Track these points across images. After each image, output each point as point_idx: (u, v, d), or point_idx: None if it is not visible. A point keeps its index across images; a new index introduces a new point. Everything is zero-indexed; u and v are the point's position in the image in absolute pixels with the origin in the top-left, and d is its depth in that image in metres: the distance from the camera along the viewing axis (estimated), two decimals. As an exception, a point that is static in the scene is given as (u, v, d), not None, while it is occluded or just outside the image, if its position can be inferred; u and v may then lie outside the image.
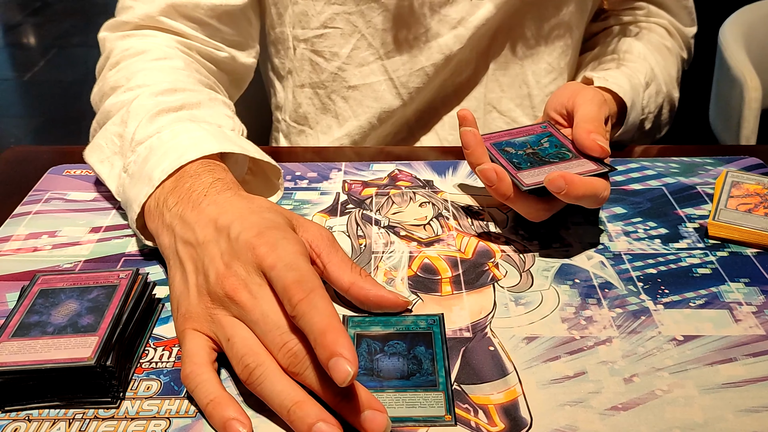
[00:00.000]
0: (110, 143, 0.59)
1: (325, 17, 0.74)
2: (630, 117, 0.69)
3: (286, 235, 0.44)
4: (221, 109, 0.61)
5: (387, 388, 0.42)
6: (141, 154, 0.54)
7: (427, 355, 0.44)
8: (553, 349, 0.45)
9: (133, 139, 0.55)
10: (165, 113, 0.57)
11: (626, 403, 0.41)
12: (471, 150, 0.55)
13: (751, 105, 1.07)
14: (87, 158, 0.60)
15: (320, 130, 0.81)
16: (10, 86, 3.00)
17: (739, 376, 0.43)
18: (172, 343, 0.46)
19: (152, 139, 0.54)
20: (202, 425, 0.40)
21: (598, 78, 0.69)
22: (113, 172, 0.58)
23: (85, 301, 0.45)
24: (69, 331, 0.42)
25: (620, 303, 0.50)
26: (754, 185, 0.60)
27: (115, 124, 0.59)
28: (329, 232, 0.49)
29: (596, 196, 0.52)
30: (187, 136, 0.54)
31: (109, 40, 0.68)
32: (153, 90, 0.59)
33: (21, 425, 0.40)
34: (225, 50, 0.72)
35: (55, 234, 0.57)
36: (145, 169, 0.53)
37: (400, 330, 0.46)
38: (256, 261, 0.42)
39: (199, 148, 0.53)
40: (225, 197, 0.49)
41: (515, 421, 0.40)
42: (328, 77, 0.77)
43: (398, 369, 0.43)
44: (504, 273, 0.53)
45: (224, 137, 0.56)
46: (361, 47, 0.75)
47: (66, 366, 0.40)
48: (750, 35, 1.18)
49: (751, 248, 0.55)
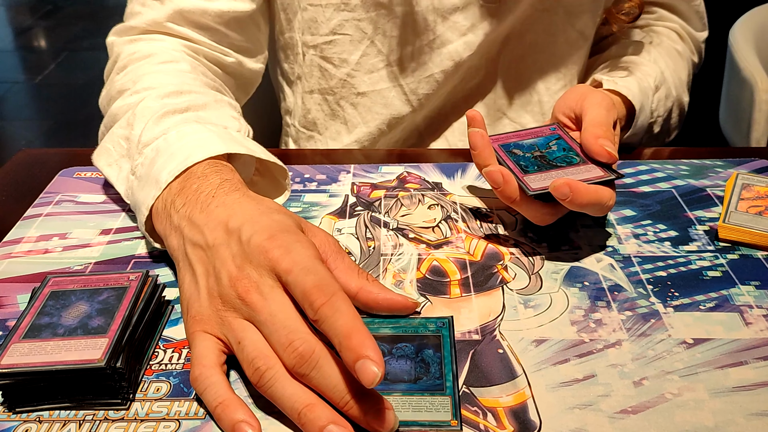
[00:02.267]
0: (117, 146, 0.59)
1: (334, 24, 0.74)
2: (638, 120, 0.69)
3: (299, 238, 0.44)
4: (227, 110, 0.61)
5: (394, 391, 0.42)
6: (148, 156, 0.54)
7: (435, 358, 0.44)
8: (563, 351, 0.45)
9: (140, 141, 0.56)
10: (171, 115, 0.57)
11: (636, 406, 0.41)
12: (478, 151, 0.55)
13: (761, 107, 1.06)
14: (95, 162, 0.61)
15: (329, 136, 0.81)
16: (21, 89, 3.02)
17: (749, 379, 0.43)
18: (182, 344, 0.47)
19: (159, 140, 0.55)
20: (212, 427, 0.40)
21: (608, 81, 0.69)
22: (121, 175, 0.58)
23: (96, 302, 0.45)
24: (79, 332, 0.43)
25: (630, 306, 0.49)
26: (765, 188, 0.60)
27: (122, 127, 0.59)
28: (335, 238, 0.49)
29: (601, 204, 0.52)
30: (193, 137, 0.54)
31: (117, 44, 0.68)
32: (159, 92, 0.59)
33: (32, 426, 0.41)
34: (232, 55, 0.72)
35: (65, 236, 0.58)
36: (152, 171, 0.53)
37: (408, 333, 0.46)
38: (270, 265, 0.42)
39: (206, 149, 0.53)
40: (233, 198, 0.49)
41: (524, 424, 0.40)
42: (337, 83, 0.77)
43: (405, 372, 0.43)
44: (513, 275, 0.53)
45: (230, 138, 0.56)
46: (371, 54, 0.74)
47: (76, 367, 0.40)
48: (760, 37, 1.18)
49: (761, 251, 0.55)
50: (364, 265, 0.54)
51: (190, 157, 0.52)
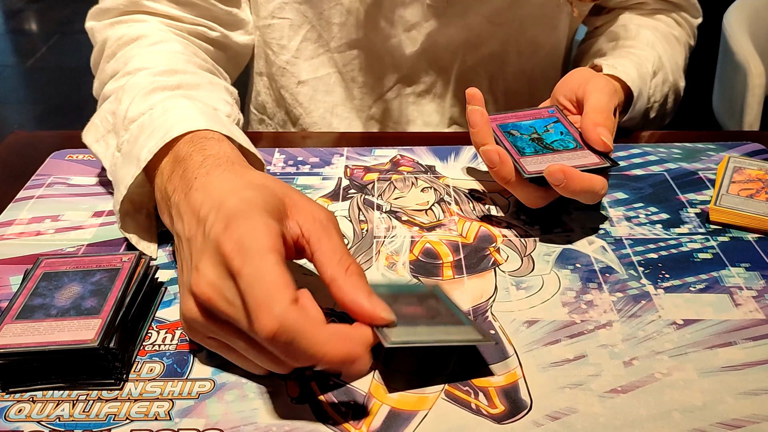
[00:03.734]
0: (104, 121, 0.58)
1: (273, 6, 0.72)
2: (636, 106, 0.69)
3: (256, 226, 0.39)
4: (221, 93, 0.60)
5: (419, 323, 0.41)
6: (133, 133, 0.53)
7: (440, 306, 0.44)
8: (554, 332, 0.46)
9: (126, 117, 0.54)
10: (160, 91, 0.55)
11: (626, 386, 0.42)
12: (477, 129, 0.55)
13: (754, 91, 1.07)
14: (84, 138, 0.60)
15: (278, 122, 0.80)
16: (12, 73, 3.00)
17: (738, 359, 0.43)
18: (175, 326, 0.47)
19: (144, 116, 0.53)
20: (205, 407, 0.41)
21: (607, 65, 0.69)
22: (108, 152, 0.57)
23: (88, 284, 0.45)
24: (72, 313, 0.43)
25: (621, 287, 0.50)
26: (756, 171, 0.60)
27: (110, 102, 0.58)
28: (328, 213, 0.44)
29: (593, 192, 0.52)
30: (176, 111, 0.52)
31: (98, 30, 0.66)
32: (151, 71, 0.58)
33: (25, 406, 0.41)
34: (217, 29, 0.70)
35: (58, 218, 0.57)
36: (135, 148, 0.52)
37: (404, 292, 0.45)
38: (223, 261, 0.38)
39: (186, 123, 0.50)
40: (213, 177, 0.45)
41: (515, 404, 0.41)
42: (278, 71, 0.76)
43: (419, 314, 0.43)
44: (505, 257, 0.53)
45: (216, 118, 0.54)
46: (311, 39, 0.72)
47: (69, 348, 0.40)
48: (754, 22, 1.18)
49: (752, 233, 0.55)
50: (357, 247, 0.54)
51: (169, 132, 0.50)
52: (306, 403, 0.41)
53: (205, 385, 0.42)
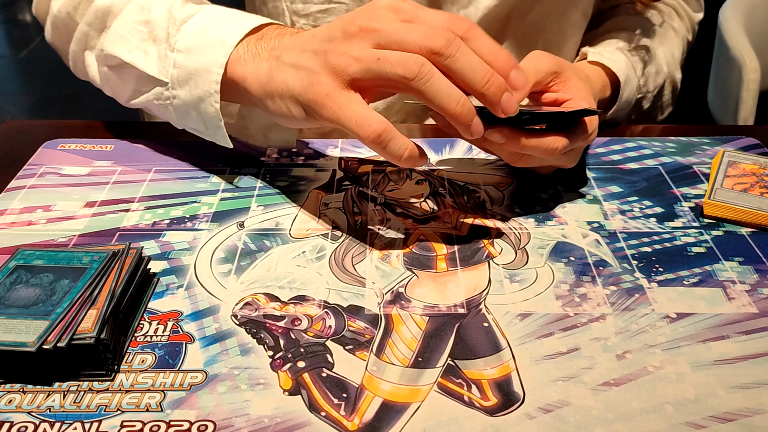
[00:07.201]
0: (135, 32, 0.58)
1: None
2: (624, 93, 0.68)
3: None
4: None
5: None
6: (192, 30, 0.55)
7: (65, 287, 0.43)
8: (547, 325, 0.46)
9: (174, 18, 0.56)
10: (190, 2, 0.58)
11: (618, 379, 0.42)
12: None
13: (749, 86, 1.07)
14: (111, 50, 0.59)
15: None
16: (6, 63, 2.98)
17: (731, 353, 0.44)
18: (167, 317, 0.46)
19: (196, 16, 0.56)
20: (197, 398, 0.40)
21: (594, 53, 0.68)
22: (150, 57, 0.57)
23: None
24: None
25: (614, 281, 0.50)
26: (751, 165, 0.60)
27: (134, 13, 0.58)
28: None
29: (545, 148, 0.51)
30: (234, 11, 0.56)
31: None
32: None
33: (16, 396, 0.40)
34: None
35: (49, 208, 0.57)
36: (208, 38, 0.54)
37: (59, 264, 0.45)
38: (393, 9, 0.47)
39: (251, 19, 0.55)
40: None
41: (508, 396, 0.41)
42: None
43: (26, 298, 0.42)
44: (499, 250, 0.53)
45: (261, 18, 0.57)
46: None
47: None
48: (750, 17, 1.18)
49: (745, 227, 0.55)
50: (351, 239, 0.54)
51: (247, 23, 0.54)
52: (298, 395, 0.41)
53: (197, 376, 0.42)
